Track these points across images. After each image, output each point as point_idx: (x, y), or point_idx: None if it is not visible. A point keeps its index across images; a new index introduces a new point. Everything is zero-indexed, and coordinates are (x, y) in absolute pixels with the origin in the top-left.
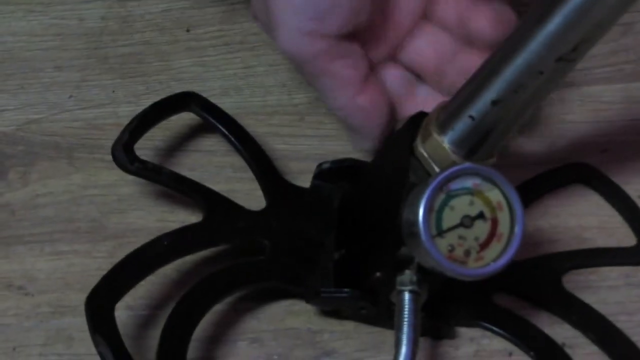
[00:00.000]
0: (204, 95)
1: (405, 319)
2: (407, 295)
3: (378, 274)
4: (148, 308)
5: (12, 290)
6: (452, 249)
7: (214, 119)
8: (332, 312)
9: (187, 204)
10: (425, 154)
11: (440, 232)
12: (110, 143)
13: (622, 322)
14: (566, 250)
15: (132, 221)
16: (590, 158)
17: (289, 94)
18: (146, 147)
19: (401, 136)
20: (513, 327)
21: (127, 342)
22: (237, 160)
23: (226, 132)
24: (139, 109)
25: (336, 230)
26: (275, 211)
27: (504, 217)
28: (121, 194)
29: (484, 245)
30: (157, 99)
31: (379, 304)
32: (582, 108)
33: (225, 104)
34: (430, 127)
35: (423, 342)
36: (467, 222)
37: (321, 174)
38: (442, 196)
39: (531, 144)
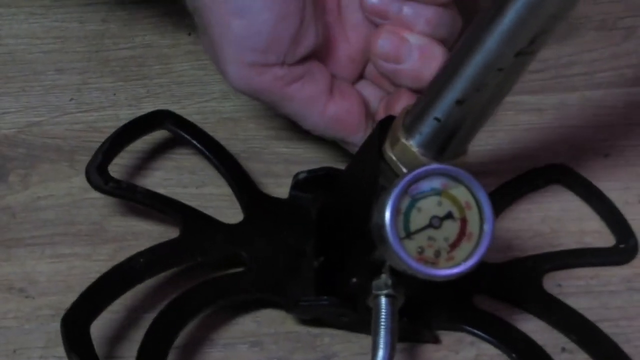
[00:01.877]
0: (205, 99)
1: (382, 323)
2: (383, 300)
3: (354, 279)
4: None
5: (13, 292)
6: (421, 250)
7: (188, 136)
8: (314, 320)
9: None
10: (394, 158)
11: (409, 234)
12: None
13: (623, 327)
14: (545, 251)
15: (133, 224)
16: (592, 162)
17: None
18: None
19: (371, 141)
20: (494, 330)
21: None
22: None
23: (201, 148)
24: (140, 112)
25: (315, 239)
26: (253, 223)
27: (473, 217)
28: None
29: (454, 245)
30: (158, 102)
31: (359, 311)
32: (583, 112)
33: (225, 107)
34: (398, 131)
35: (424, 348)
36: (435, 222)
37: (298, 184)
38: (408, 198)
39: (531, 149)
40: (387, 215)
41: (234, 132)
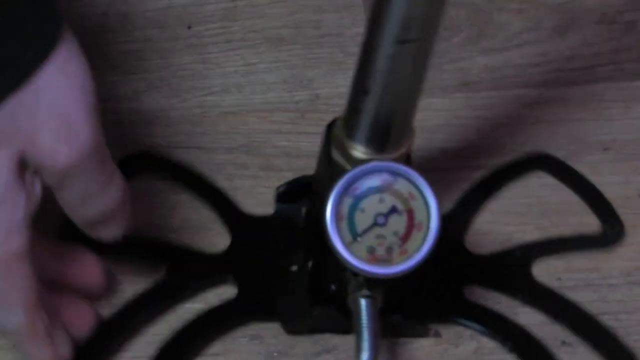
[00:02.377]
0: (205, 92)
1: (364, 325)
2: (362, 301)
3: (332, 286)
4: None
5: None
6: (372, 250)
7: (170, 174)
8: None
9: (186, 201)
10: (340, 161)
11: (355, 237)
12: (110, 140)
13: (622, 321)
14: (532, 240)
15: (134, 217)
16: (592, 156)
17: (289, 92)
18: None
19: (322, 146)
20: (487, 321)
21: None
22: (239, 157)
23: (183, 184)
24: (140, 106)
25: (304, 247)
26: (239, 248)
27: (418, 206)
28: None
29: (405, 238)
30: (158, 95)
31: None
32: (583, 106)
33: (225, 101)
34: (339, 133)
35: (424, 342)
36: (381, 220)
37: (280, 198)
38: (349, 201)
39: (531, 143)
40: (328, 222)
41: (234, 126)
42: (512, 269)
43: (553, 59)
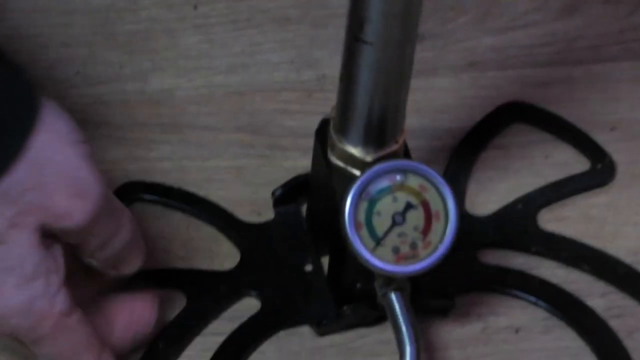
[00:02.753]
0: (212, 72)
1: (400, 319)
2: (392, 296)
3: (358, 284)
4: None
5: None
6: (397, 250)
7: (163, 199)
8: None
9: (193, 181)
10: (338, 161)
11: (379, 241)
12: (118, 120)
13: None
14: (532, 190)
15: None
16: (599, 135)
17: (296, 71)
18: None
19: (316, 150)
20: (509, 281)
21: None
22: (246, 137)
23: (180, 205)
24: (146, 86)
25: (314, 247)
26: (250, 258)
27: (432, 196)
28: (128, 170)
29: (426, 230)
30: (164, 76)
31: (378, 308)
32: (590, 86)
33: (232, 81)
34: (333, 135)
35: (429, 321)
36: (398, 219)
37: (278, 200)
38: (364, 207)
39: None
40: (349, 233)
41: (240, 106)
42: (518, 223)
43: (559, 39)
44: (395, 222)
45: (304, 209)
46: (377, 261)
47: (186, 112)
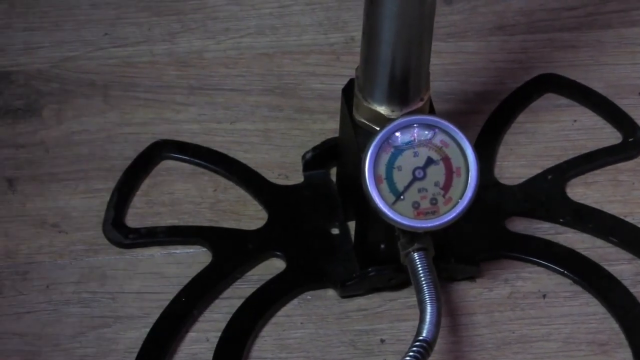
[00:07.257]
0: (240, 34)
1: (422, 278)
2: (415, 255)
3: (382, 245)
4: None
5: (46, 227)
6: (417, 205)
7: (193, 159)
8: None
9: (220, 143)
10: (364, 120)
11: (398, 196)
12: (146, 81)
13: None
14: (561, 161)
15: (166, 160)
16: (626, 100)
17: (325, 34)
18: None
19: (342, 110)
20: (535, 249)
21: None
22: (274, 99)
23: (206, 164)
24: (175, 47)
25: (342, 211)
26: (278, 220)
27: (453, 152)
28: (156, 132)
29: (447, 186)
30: (193, 37)
31: (403, 270)
32: (618, 50)
33: (260, 43)
34: (357, 94)
35: (457, 286)
36: (419, 174)
37: (308, 164)
38: (384, 161)
39: None
40: (369, 187)
41: (268, 68)
42: (547, 193)
43: (588, 2)
44: (415, 177)
45: (332, 173)
46: (397, 216)
47: (214, 74)
